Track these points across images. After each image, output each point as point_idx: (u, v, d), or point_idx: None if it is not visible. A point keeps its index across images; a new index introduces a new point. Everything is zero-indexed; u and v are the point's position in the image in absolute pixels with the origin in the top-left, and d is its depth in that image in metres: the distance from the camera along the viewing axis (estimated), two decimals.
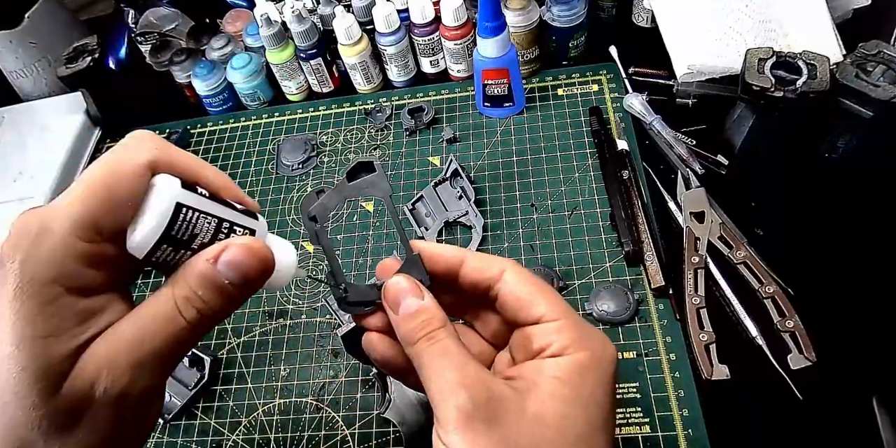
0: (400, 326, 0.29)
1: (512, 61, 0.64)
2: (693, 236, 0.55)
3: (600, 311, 0.53)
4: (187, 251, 0.26)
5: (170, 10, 0.88)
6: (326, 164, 0.72)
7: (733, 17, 0.64)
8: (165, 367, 0.26)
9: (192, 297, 0.26)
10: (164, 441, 0.56)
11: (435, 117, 0.72)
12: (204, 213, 0.27)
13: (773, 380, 0.48)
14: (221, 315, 0.27)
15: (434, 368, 0.28)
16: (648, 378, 0.50)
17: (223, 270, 0.26)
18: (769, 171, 0.60)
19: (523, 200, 0.63)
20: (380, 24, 0.70)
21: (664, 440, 0.47)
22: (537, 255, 0.59)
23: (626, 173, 0.60)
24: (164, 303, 0.26)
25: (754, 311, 0.51)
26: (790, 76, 0.54)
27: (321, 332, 0.59)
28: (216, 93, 0.78)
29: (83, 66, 0.81)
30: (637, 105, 0.65)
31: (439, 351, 0.28)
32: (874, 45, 0.54)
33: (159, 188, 0.26)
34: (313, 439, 0.53)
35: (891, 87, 0.51)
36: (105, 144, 0.83)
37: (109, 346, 0.25)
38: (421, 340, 0.28)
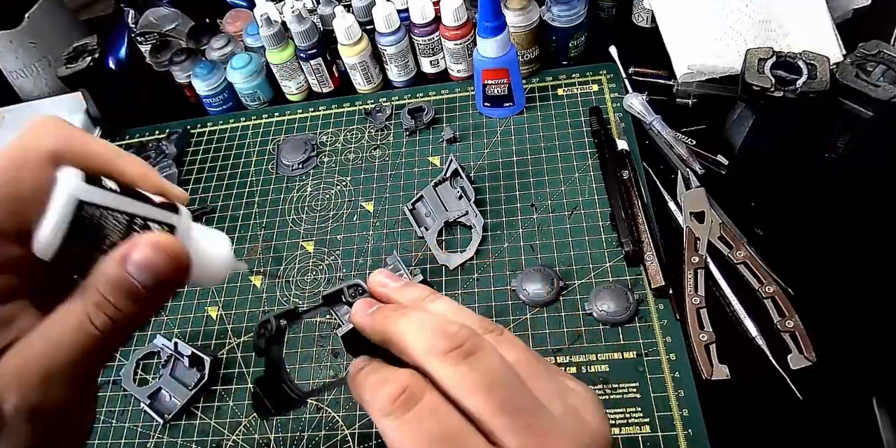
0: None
1: (512, 61, 0.64)
2: (693, 236, 0.55)
3: (600, 311, 0.53)
4: (98, 252, 0.24)
5: (170, 10, 0.88)
6: (326, 164, 0.72)
7: (733, 17, 0.64)
8: (82, 378, 0.24)
9: (101, 302, 0.24)
10: (164, 441, 0.56)
11: (435, 117, 0.72)
12: (111, 210, 0.24)
13: (773, 380, 0.48)
14: (139, 319, 0.25)
15: None
16: (648, 378, 0.50)
17: (134, 272, 0.24)
18: (769, 171, 0.60)
19: (523, 200, 0.63)
20: (380, 24, 0.70)
21: (664, 440, 0.47)
22: (537, 255, 0.59)
23: (626, 173, 0.60)
24: (73, 311, 0.24)
25: (754, 311, 0.51)
26: (790, 76, 0.54)
27: (321, 332, 0.59)
28: (216, 93, 0.78)
29: (83, 66, 0.81)
30: (637, 105, 0.65)
31: None
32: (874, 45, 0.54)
33: (59, 184, 0.23)
34: (313, 439, 0.53)
35: (891, 87, 0.51)
36: None
37: (18, 360, 0.23)
38: None
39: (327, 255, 0.64)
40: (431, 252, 0.61)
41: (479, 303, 0.57)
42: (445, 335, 0.25)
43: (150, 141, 0.80)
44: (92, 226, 0.23)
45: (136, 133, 0.83)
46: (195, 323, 0.63)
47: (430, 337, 0.26)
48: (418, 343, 0.26)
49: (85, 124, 0.82)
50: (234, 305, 0.63)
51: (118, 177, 0.26)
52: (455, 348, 0.25)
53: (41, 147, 0.24)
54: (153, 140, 0.80)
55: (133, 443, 0.57)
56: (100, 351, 0.24)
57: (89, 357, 0.24)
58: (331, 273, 0.63)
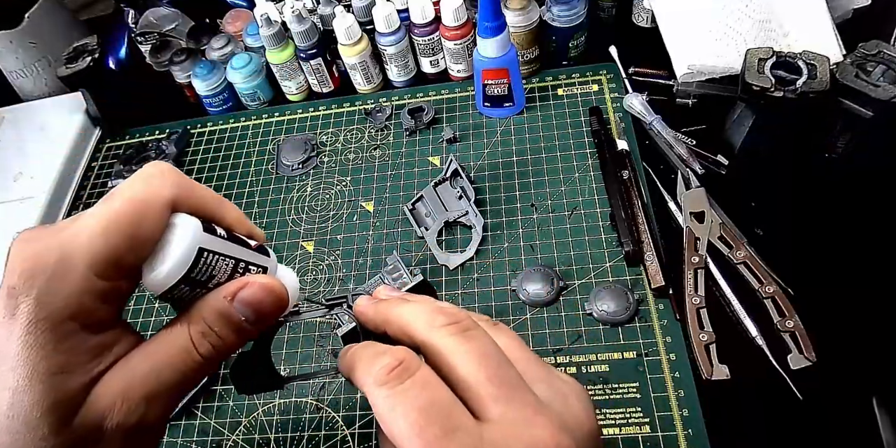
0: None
1: (512, 61, 0.64)
2: (693, 236, 0.55)
3: (600, 311, 0.53)
4: (203, 290, 0.27)
5: (170, 10, 0.88)
6: (326, 164, 0.72)
7: (733, 17, 0.64)
8: (175, 400, 0.27)
9: (207, 332, 0.27)
10: (165, 441, 0.56)
11: (435, 117, 0.72)
12: (223, 256, 0.27)
13: (773, 380, 0.48)
14: (233, 350, 0.28)
15: None
16: (648, 378, 0.50)
17: (239, 308, 0.27)
18: (769, 171, 0.60)
19: (523, 200, 0.63)
20: (380, 24, 0.70)
21: (664, 440, 0.47)
22: (537, 255, 0.59)
23: (626, 173, 0.60)
24: (179, 337, 0.26)
25: (754, 311, 0.51)
26: (790, 76, 0.54)
27: (321, 332, 0.59)
28: (216, 93, 0.78)
29: (83, 66, 0.81)
30: (637, 105, 0.65)
31: None
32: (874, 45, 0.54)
33: (183, 231, 0.26)
34: (313, 439, 0.53)
35: (891, 87, 0.51)
36: (105, 144, 0.83)
37: (123, 379, 0.25)
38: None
39: (327, 255, 0.64)
40: (431, 252, 0.61)
41: (479, 303, 0.57)
42: (444, 314, 0.28)
43: (150, 141, 0.80)
44: (205, 268, 0.26)
45: (136, 133, 0.83)
46: None
47: (430, 315, 0.28)
48: (419, 320, 0.28)
49: (85, 124, 0.82)
50: None
51: (220, 221, 0.29)
52: (454, 323, 0.27)
53: (162, 194, 0.26)
54: (153, 140, 0.80)
55: None
56: (195, 376, 0.27)
57: (186, 381, 0.26)
58: (331, 273, 0.63)
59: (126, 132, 0.83)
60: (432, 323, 0.27)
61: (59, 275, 0.24)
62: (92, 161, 0.82)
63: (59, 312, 0.24)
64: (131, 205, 0.25)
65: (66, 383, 0.24)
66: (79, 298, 0.24)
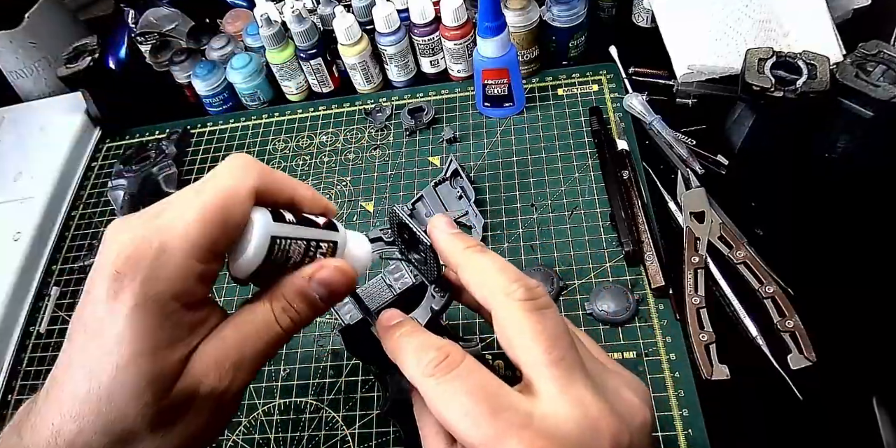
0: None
1: (512, 61, 0.64)
2: (693, 236, 0.55)
3: (600, 311, 0.53)
4: (282, 269, 0.30)
5: (170, 10, 0.88)
6: (326, 164, 0.72)
7: (733, 17, 0.64)
8: (256, 368, 0.30)
9: (287, 308, 0.30)
10: None
11: (435, 117, 0.72)
12: (294, 239, 0.30)
13: (773, 380, 0.48)
14: (307, 323, 0.31)
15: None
16: (648, 378, 0.50)
17: (315, 287, 0.30)
18: (769, 171, 0.60)
19: (523, 200, 0.63)
20: (380, 24, 0.70)
21: (664, 440, 0.47)
22: (537, 255, 0.59)
23: (626, 173, 0.60)
24: (264, 312, 0.30)
25: (754, 311, 0.51)
26: (790, 76, 0.54)
27: (321, 332, 0.59)
28: (216, 93, 0.78)
29: (83, 66, 0.81)
30: (637, 105, 0.65)
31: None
32: (874, 45, 0.54)
33: (256, 223, 0.29)
34: (313, 439, 0.53)
35: (891, 87, 0.51)
36: (105, 144, 0.83)
37: (216, 349, 0.28)
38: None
39: None
40: None
41: None
42: (525, 285, 0.28)
43: (150, 141, 0.80)
44: (280, 253, 0.29)
45: (136, 133, 0.83)
46: None
47: (510, 283, 0.28)
48: (498, 284, 0.28)
49: (85, 124, 0.82)
50: (235, 306, 0.63)
51: (298, 203, 0.32)
52: (532, 299, 0.28)
53: (247, 185, 0.29)
54: (153, 140, 0.80)
55: None
56: (276, 345, 0.30)
57: (269, 350, 0.30)
58: None
59: (126, 132, 0.83)
60: (510, 291, 0.28)
61: (162, 260, 0.26)
62: (92, 161, 0.82)
63: (163, 294, 0.26)
64: (222, 196, 0.28)
65: (168, 357, 0.26)
66: (180, 281, 0.27)
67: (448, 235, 0.32)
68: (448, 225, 0.32)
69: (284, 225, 0.30)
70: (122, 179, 0.73)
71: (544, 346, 0.26)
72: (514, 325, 0.27)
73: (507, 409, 0.25)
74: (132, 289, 0.26)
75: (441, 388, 0.26)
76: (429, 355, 0.27)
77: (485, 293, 0.29)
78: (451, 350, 0.28)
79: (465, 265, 0.30)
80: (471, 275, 0.30)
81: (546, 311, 0.28)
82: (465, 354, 0.28)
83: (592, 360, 0.30)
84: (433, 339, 0.29)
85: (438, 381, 0.26)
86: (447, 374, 0.26)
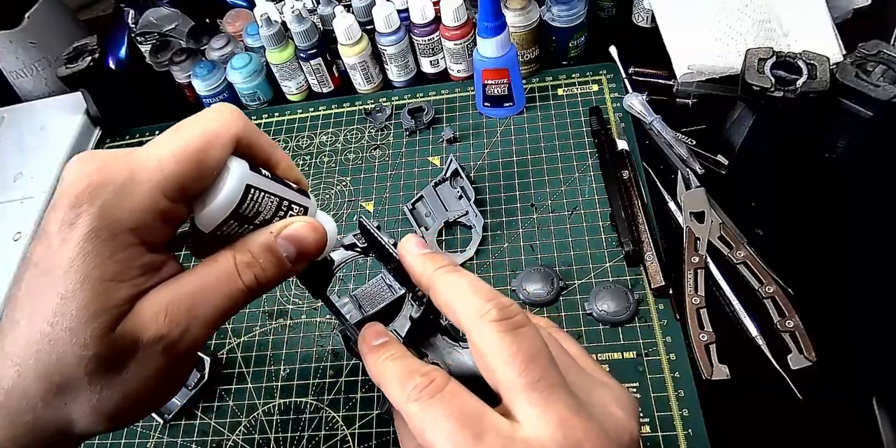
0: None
1: (512, 61, 0.64)
2: (693, 236, 0.55)
3: (600, 311, 0.53)
4: (249, 226, 0.29)
5: (170, 10, 0.88)
6: (326, 164, 0.72)
7: (733, 17, 0.64)
8: (215, 324, 0.28)
9: (252, 262, 0.28)
10: (165, 441, 0.56)
11: (435, 117, 0.72)
12: (268, 193, 0.29)
13: (773, 380, 0.48)
14: (271, 285, 0.29)
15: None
16: (648, 378, 0.50)
17: (283, 243, 0.29)
18: (769, 171, 0.60)
19: (523, 200, 0.63)
20: (380, 24, 0.70)
21: (664, 440, 0.47)
22: (537, 255, 0.59)
23: (626, 173, 0.60)
24: (225, 264, 0.28)
25: (754, 311, 0.51)
26: (790, 76, 0.54)
27: (321, 332, 0.59)
28: (216, 93, 0.78)
29: (83, 66, 0.80)
30: (637, 105, 0.65)
31: None
32: (874, 45, 0.54)
33: (232, 169, 0.28)
34: (313, 439, 0.53)
35: (891, 87, 0.51)
36: (105, 144, 0.83)
37: (168, 295, 0.26)
38: None
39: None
40: None
41: None
42: (498, 304, 0.27)
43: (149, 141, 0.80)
44: (252, 205, 0.28)
45: (136, 133, 0.83)
46: None
47: (483, 302, 0.27)
48: (470, 305, 0.27)
49: (85, 124, 0.82)
50: None
51: (274, 165, 0.31)
52: (504, 319, 0.27)
53: (229, 131, 0.28)
54: None
55: (133, 443, 0.57)
56: (236, 303, 0.28)
57: (227, 306, 0.28)
58: None
59: (126, 132, 0.83)
60: (483, 312, 0.27)
61: (127, 189, 0.25)
62: None
63: (121, 223, 0.25)
64: (202, 136, 0.27)
65: (114, 292, 0.25)
66: (142, 213, 0.26)
67: (417, 257, 0.31)
68: (418, 245, 0.31)
69: (260, 177, 0.29)
70: None
71: (520, 368, 0.26)
72: (488, 347, 0.26)
73: (488, 433, 0.25)
74: (89, 214, 0.24)
75: (424, 411, 0.26)
76: (413, 381, 0.27)
77: (458, 315, 0.28)
78: (436, 375, 0.27)
79: (435, 287, 0.29)
80: (442, 296, 0.29)
81: (521, 330, 0.27)
82: (449, 379, 0.27)
83: (578, 372, 0.29)
84: (417, 365, 0.28)
85: (421, 405, 0.26)
86: (431, 398, 0.26)
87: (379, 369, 0.29)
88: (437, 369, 0.28)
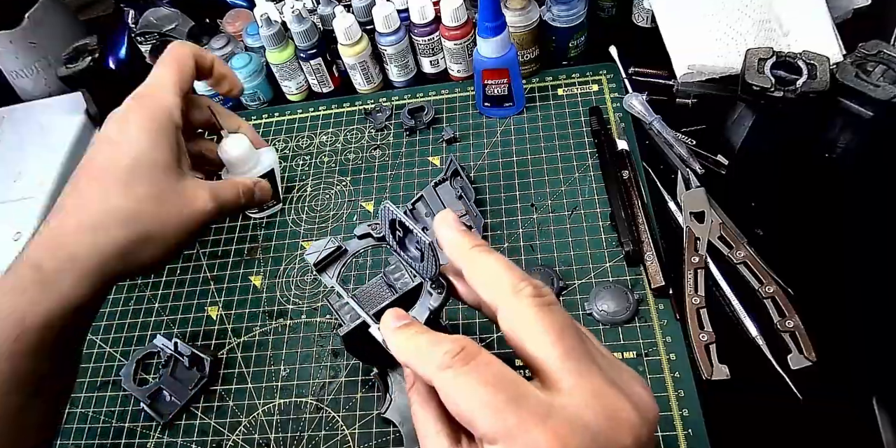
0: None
1: (512, 61, 0.64)
2: (693, 236, 0.55)
3: (600, 311, 0.53)
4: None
5: (170, 10, 0.88)
6: (326, 164, 0.72)
7: (733, 17, 0.64)
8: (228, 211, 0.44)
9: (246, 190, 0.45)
10: (164, 441, 0.56)
11: (435, 117, 0.72)
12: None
13: (773, 380, 0.48)
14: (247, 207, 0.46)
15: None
16: (648, 378, 0.50)
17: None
18: (769, 171, 0.60)
19: (523, 200, 0.63)
20: (380, 24, 0.70)
21: (664, 440, 0.47)
22: (537, 255, 0.59)
23: (626, 173, 0.60)
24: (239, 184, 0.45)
25: (754, 311, 0.51)
26: (790, 76, 0.54)
27: (321, 332, 0.59)
28: (216, 93, 0.78)
29: (83, 66, 0.81)
30: (637, 105, 0.65)
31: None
32: (874, 45, 0.54)
33: (266, 157, 0.49)
34: (313, 439, 0.53)
35: (891, 87, 0.52)
36: None
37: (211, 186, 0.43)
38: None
39: None
40: None
41: None
42: (531, 283, 0.28)
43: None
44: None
45: None
46: (195, 323, 0.63)
47: (518, 280, 0.28)
48: (506, 281, 0.28)
49: (85, 124, 0.82)
50: (234, 305, 0.63)
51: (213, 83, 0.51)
52: (539, 296, 0.28)
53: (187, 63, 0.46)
54: None
55: (133, 443, 0.57)
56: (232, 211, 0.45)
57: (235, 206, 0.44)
58: None
59: None
60: (518, 288, 0.28)
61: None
62: None
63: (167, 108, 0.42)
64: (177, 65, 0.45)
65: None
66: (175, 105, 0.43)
67: (456, 233, 0.32)
68: (455, 221, 0.32)
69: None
70: None
71: (555, 336, 0.26)
72: (524, 320, 0.27)
73: (527, 399, 0.25)
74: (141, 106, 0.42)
75: (459, 379, 0.26)
76: (444, 347, 0.27)
77: (492, 291, 0.29)
78: (466, 342, 0.27)
79: (472, 264, 0.30)
80: (478, 273, 0.30)
81: (553, 306, 0.28)
82: (480, 348, 0.27)
83: (602, 355, 0.30)
84: (444, 336, 0.28)
85: (456, 372, 0.26)
86: (465, 366, 0.26)
87: (407, 344, 0.29)
88: (466, 338, 0.28)
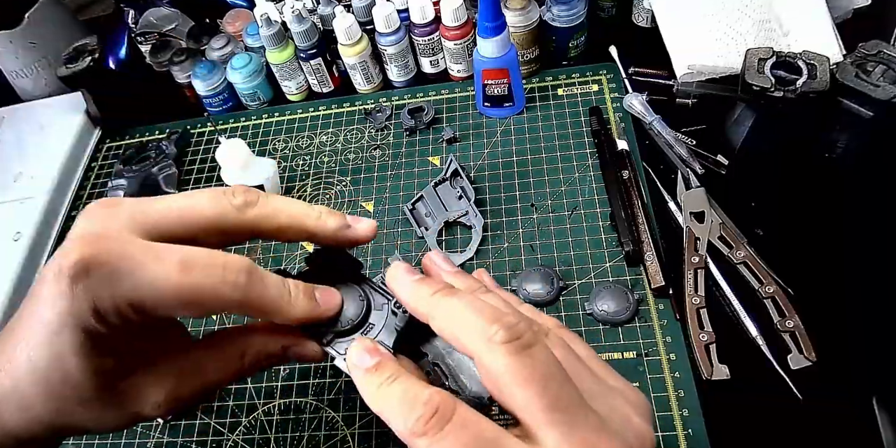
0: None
1: (512, 61, 0.64)
2: (693, 236, 0.55)
3: (600, 311, 0.53)
4: None
5: (170, 10, 0.88)
6: (326, 164, 0.72)
7: (733, 17, 0.64)
8: None
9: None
10: (164, 441, 0.56)
11: (435, 117, 0.72)
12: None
13: (773, 380, 0.48)
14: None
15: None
16: (648, 378, 0.50)
17: None
18: (769, 171, 0.60)
19: (523, 200, 0.63)
20: (380, 24, 0.70)
21: (664, 440, 0.47)
22: (537, 255, 0.59)
23: (626, 173, 0.60)
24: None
25: (754, 311, 0.51)
26: (790, 76, 0.54)
27: None
28: (216, 93, 0.78)
29: (83, 66, 0.80)
30: (637, 105, 0.65)
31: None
32: (874, 45, 0.54)
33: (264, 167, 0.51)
34: (313, 439, 0.53)
35: (891, 87, 0.52)
36: (105, 144, 0.83)
37: None
38: None
39: None
40: None
41: None
42: (505, 325, 0.26)
43: (150, 141, 0.80)
44: None
45: (136, 133, 0.83)
46: (195, 323, 0.63)
47: (486, 325, 0.26)
48: (474, 329, 0.26)
49: (85, 124, 0.82)
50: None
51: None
52: (513, 340, 0.25)
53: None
54: (153, 140, 0.80)
55: (133, 443, 0.57)
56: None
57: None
58: None
59: (126, 132, 0.83)
60: (489, 335, 0.26)
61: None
62: (92, 161, 0.82)
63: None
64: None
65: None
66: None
67: (411, 284, 0.29)
68: (407, 272, 0.30)
69: None
70: (122, 179, 0.73)
71: (537, 390, 0.25)
72: (501, 372, 0.25)
73: None
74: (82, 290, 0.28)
75: (434, 447, 0.24)
76: (416, 413, 0.25)
77: (463, 341, 0.27)
78: (440, 401, 0.25)
79: (434, 314, 0.28)
80: (445, 324, 0.28)
81: (531, 350, 0.26)
82: (455, 403, 0.26)
83: (592, 380, 0.28)
84: (417, 389, 0.26)
85: (431, 440, 0.24)
86: (439, 432, 0.24)
87: (376, 394, 0.27)
88: (440, 392, 0.26)
